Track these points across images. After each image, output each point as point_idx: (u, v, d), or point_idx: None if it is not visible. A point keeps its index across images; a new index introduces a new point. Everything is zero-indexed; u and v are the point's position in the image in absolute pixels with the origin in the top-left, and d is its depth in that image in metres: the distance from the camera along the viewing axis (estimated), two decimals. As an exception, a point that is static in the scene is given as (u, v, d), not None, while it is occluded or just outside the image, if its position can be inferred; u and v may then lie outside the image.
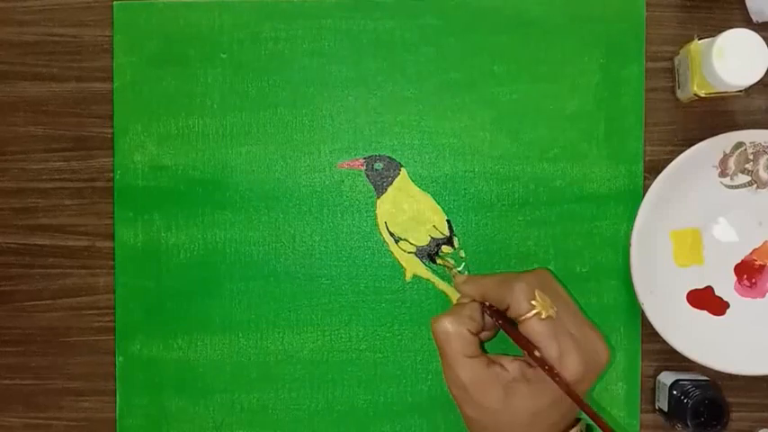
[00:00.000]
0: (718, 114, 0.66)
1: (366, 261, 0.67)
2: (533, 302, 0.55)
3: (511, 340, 0.57)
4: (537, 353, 0.55)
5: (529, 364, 0.56)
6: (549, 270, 0.60)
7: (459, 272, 0.66)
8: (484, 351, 0.58)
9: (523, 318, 0.55)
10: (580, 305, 0.60)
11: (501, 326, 0.58)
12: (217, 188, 0.67)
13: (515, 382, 0.55)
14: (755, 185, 0.64)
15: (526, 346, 0.55)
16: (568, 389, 0.54)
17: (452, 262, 0.66)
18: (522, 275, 0.57)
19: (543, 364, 0.54)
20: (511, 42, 0.66)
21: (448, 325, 0.57)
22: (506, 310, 0.57)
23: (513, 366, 0.56)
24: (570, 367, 0.54)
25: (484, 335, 0.60)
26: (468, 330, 0.57)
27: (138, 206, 0.67)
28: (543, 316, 0.55)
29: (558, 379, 0.54)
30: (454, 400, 0.57)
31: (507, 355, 0.57)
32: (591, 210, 0.66)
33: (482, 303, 0.59)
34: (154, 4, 0.67)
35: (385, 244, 0.67)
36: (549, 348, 0.55)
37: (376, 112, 0.67)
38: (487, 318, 0.59)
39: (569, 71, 0.66)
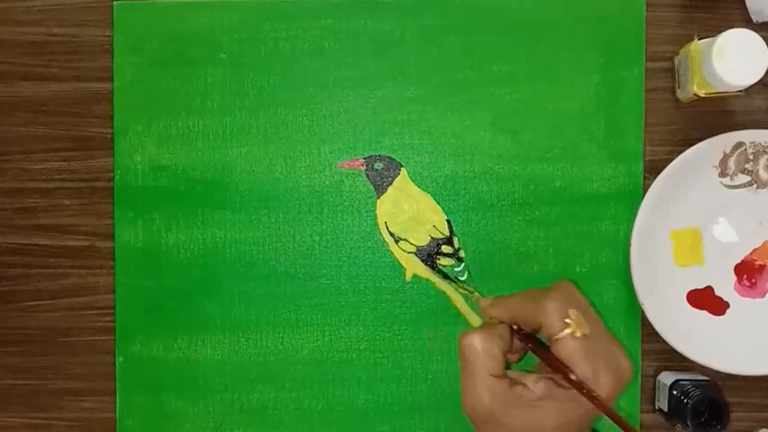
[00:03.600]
0: (718, 114, 0.66)
1: (366, 261, 0.67)
2: (567, 321, 0.53)
3: (543, 363, 0.55)
4: (573, 375, 0.52)
5: (558, 384, 0.53)
6: (572, 282, 0.57)
7: (477, 292, 0.64)
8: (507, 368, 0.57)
9: (557, 337, 0.53)
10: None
11: (531, 349, 0.56)
12: (217, 188, 0.67)
13: (540, 401, 0.53)
14: (755, 185, 0.64)
15: (560, 368, 0.53)
16: (608, 410, 0.52)
17: (473, 287, 0.66)
18: (552, 293, 0.55)
19: (581, 387, 0.52)
20: (511, 42, 0.66)
21: (477, 342, 0.54)
22: (538, 329, 0.55)
23: (538, 386, 0.53)
24: (604, 385, 0.52)
25: (511, 357, 0.58)
26: (498, 348, 0.54)
27: (138, 206, 0.67)
28: (578, 334, 0.53)
29: (597, 401, 0.52)
30: (468, 418, 0.55)
31: (531, 373, 0.55)
32: (591, 210, 0.66)
33: (511, 327, 0.56)
34: (154, 4, 0.67)
35: (385, 244, 0.67)
36: (582, 368, 0.52)
37: (376, 112, 0.67)
38: (515, 341, 0.57)
39: (569, 71, 0.66)
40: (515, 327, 0.56)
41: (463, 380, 0.55)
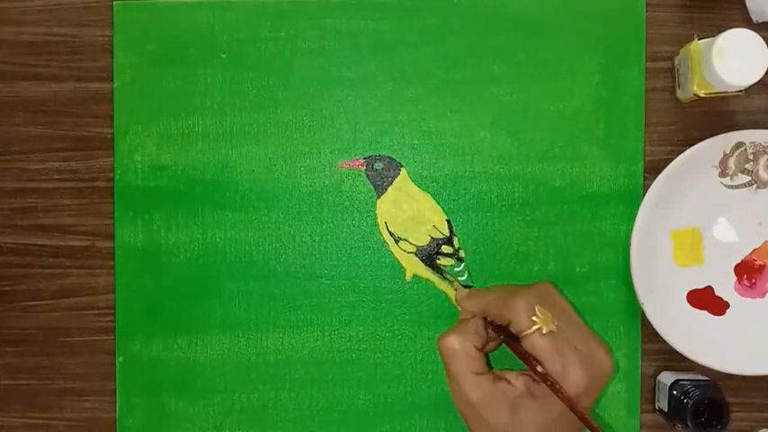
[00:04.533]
0: (718, 114, 0.66)
1: (366, 261, 0.67)
2: (534, 318, 0.55)
3: (514, 355, 0.56)
4: (539, 368, 0.54)
5: (533, 380, 0.55)
6: (552, 283, 0.60)
7: (461, 284, 0.66)
8: (489, 366, 0.58)
9: (525, 334, 0.55)
10: (577, 307, 0.60)
11: (503, 341, 0.58)
12: (217, 188, 0.67)
13: (522, 398, 0.55)
14: (755, 185, 0.64)
15: (529, 361, 0.55)
16: (571, 404, 0.53)
17: (455, 279, 0.66)
18: (522, 291, 0.57)
19: (546, 379, 0.54)
20: (511, 42, 0.66)
21: (455, 342, 0.56)
22: (508, 324, 0.56)
23: (519, 382, 0.55)
24: (574, 381, 0.54)
25: (487, 347, 0.59)
26: (475, 346, 0.56)
27: (138, 206, 0.67)
28: (544, 331, 0.55)
29: (560, 394, 0.53)
30: (461, 416, 0.57)
31: (513, 370, 0.57)
32: (591, 210, 0.66)
33: (484, 319, 0.59)
34: (154, 4, 0.67)
35: (385, 244, 0.67)
36: (552, 363, 0.54)
37: (376, 112, 0.67)
38: (491, 331, 0.59)
39: (569, 71, 0.66)
40: (488, 319, 0.58)
41: (448, 381, 0.57)
